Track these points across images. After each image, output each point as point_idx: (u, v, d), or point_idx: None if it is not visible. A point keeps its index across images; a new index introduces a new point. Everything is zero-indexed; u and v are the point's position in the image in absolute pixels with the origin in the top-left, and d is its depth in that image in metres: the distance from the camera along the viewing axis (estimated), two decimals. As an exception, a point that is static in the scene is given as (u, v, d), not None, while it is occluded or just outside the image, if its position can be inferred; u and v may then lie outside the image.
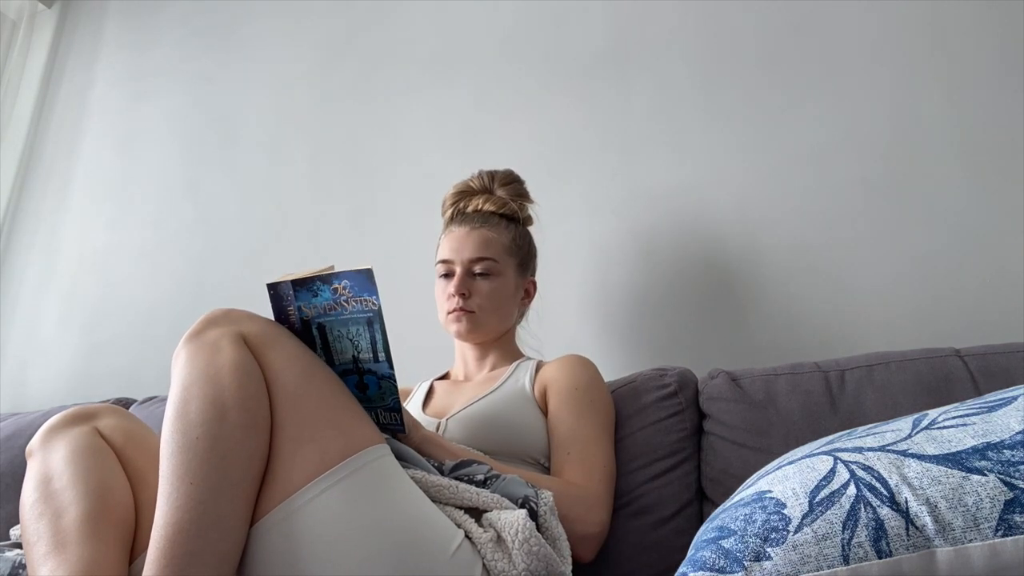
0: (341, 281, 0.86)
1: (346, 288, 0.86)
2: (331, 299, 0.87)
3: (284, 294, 0.87)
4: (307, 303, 0.87)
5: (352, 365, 0.91)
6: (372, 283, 0.85)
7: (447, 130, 1.77)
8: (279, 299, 0.87)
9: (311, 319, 0.88)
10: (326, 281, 0.86)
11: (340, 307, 0.87)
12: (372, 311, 0.86)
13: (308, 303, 0.87)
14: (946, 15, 1.38)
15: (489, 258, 1.20)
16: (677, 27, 1.60)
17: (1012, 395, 0.65)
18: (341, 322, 0.88)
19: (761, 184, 1.44)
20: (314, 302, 0.87)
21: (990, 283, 1.24)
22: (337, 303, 0.87)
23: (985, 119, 1.32)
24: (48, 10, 2.48)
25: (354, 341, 0.89)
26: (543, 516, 0.87)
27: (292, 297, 0.87)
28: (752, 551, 0.59)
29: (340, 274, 0.86)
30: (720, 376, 1.16)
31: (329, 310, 0.87)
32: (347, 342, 0.89)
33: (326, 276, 0.86)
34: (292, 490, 0.74)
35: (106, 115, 2.26)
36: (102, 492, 0.85)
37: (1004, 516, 0.54)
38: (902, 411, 0.98)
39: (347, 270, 0.86)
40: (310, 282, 0.86)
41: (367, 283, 0.85)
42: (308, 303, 0.87)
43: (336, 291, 0.86)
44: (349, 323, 0.88)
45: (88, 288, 2.07)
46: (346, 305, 0.87)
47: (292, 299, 0.87)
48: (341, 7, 2.01)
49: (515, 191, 1.30)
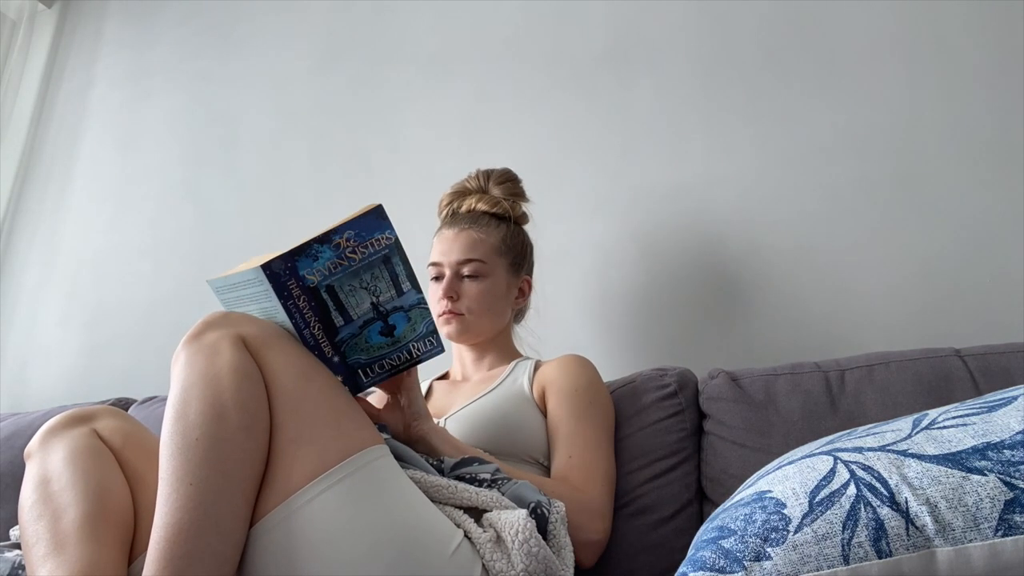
0: (343, 234, 0.84)
1: (350, 239, 0.84)
2: (334, 256, 0.85)
3: (279, 270, 0.84)
4: (309, 269, 0.84)
5: (372, 313, 0.89)
6: (383, 219, 0.84)
7: (447, 130, 1.77)
8: (276, 277, 0.84)
9: (317, 284, 0.85)
10: (325, 240, 0.84)
11: (347, 260, 0.85)
12: (388, 247, 0.85)
13: (310, 269, 0.85)
14: (946, 15, 1.38)
15: (476, 259, 1.20)
16: (678, 27, 1.59)
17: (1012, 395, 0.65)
18: (352, 274, 0.86)
19: (761, 184, 1.44)
20: (315, 266, 0.85)
21: (990, 283, 1.24)
22: (343, 257, 0.85)
23: (985, 119, 1.31)
24: (48, 10, 2.48)
25: (370, 287, 0.87)
26: (553, 524, 0.87)
27: (290, 270, 0.84)
28: (752, 551, 0.59)
29: (341, 227, 0.84)
30: (720, 376, 1.16)
31: (335, 268, 0.85)
32: (362, 292, 0.87)
33: (324, 235, 0.84)
34: (291, 491, 0.74)
35: (106, 115, 2.25)
36: (101, 493, 0.85)
37: (1004, 516, 0.54)
38: (902, 411, 0.98)
39: (350, 218, 0.84)
40: (307, 248, 0.84)
41: (377, 222, 0.84)
42: (310, 269, 0.85)
43: (339, 246, 0.85)
44: (361, 272, 0.86)
45: (88, 288, 2.07)
46: (353, 256, 0.85)
47: (291, 272, 0.84)
48: (341, 7, 2.01)
49: (510, 190, 1.30)
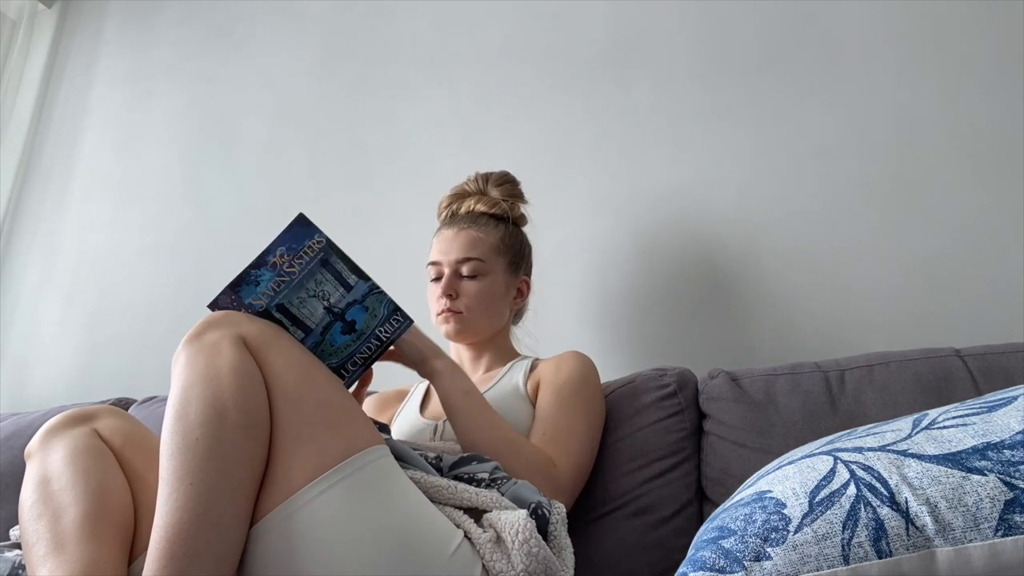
0: (275, 252, 0.84)
1: (283, 255, 0.85)
2: (273, 276, 0.85)
3: (226, 304, 0.85)
4: (253, 295, 0.85)
5: (329, 316, 0.89)
6: (308, 225, 0.84)
7: (447, 130, 1.77)
8: (226, 312, 0.85)
9: (267, 306, 0.86)
10: (260, 264, 0.84)
11: (287, 276, 0.86)
12: (322, 249, 0.85)
13: (254, 295, 0.85)
14: (946, 15, 1.38)
15: (476, 258, 1.20)
16: (677, 27, 1.60)
17: (1012, 395, 0.65)
18: (296, 287, 0.86)
19: (761, 184, 1.44)
20: (259, 291, 0.85)
21: (990, 283, 1.24)
22: (282, 274, 0.85)
23: (985, 119, 1.31)
24: (48, 10, 2.48)
25: (317, 293, 0.87)
26: (553, 525, 0.87)
27: (236, 300, 0.85)
28: (752, 551, 0.59)
29: (271, 247, 0.84)
30: (720, 376, 1.16)
31: (279, 287, 0.86)
32: (312, 301, 0.87)
33: (258, 260, 0.84)
34: (291, 491, 0.74)
35: (106, 115, 2.25)
36: (101, 493, 0.85)
37: (1004, 516, 0.54)
38: (902, 411, 0.98)
39: (277, 237, 0.84)
40: (245, 276, 0.84)
41: (303, 230, 0.85)
42: (254, 295, 0.85)
43: (275, 265, 0.85)
44: (304, 282, 0.87)
45: (88, 288, 2.07)
46: (292, 271, 0.86)
47: (237, 302, 0.85)
48: (341, 7, 2.01)
49: (508, 191, 1.30)
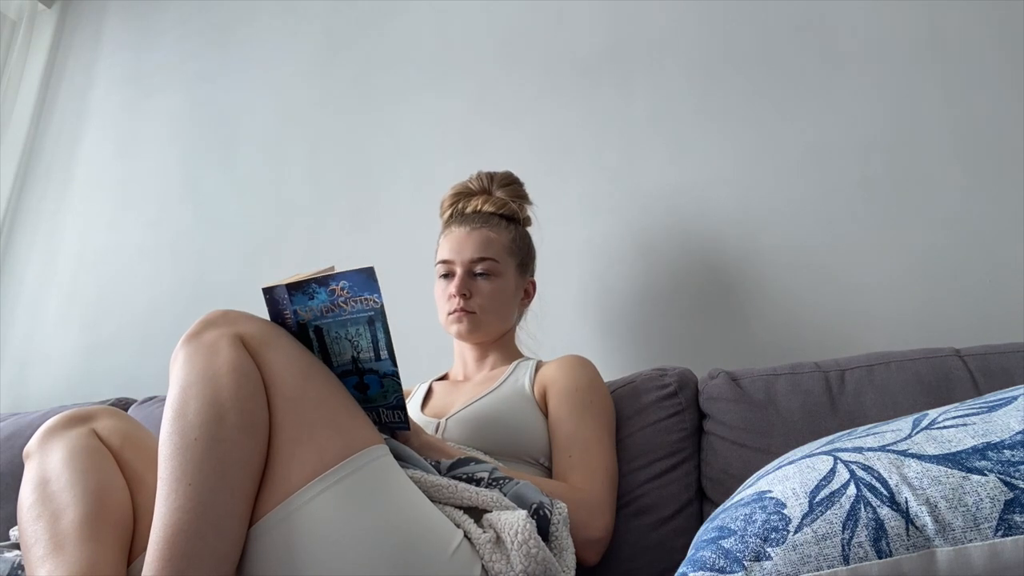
0: (339, 282, 0.85)
1: (344, 289, 0.85)
2: (328, 301, 0.86)
3: (279, 298, 0.86)
4: (303, 306, 0.86)
5: (351, 366, 0.90)
6: (374, 281, 0.84)
7: (446, 130, 1.77)
8: (275, 303, 0.86)
9: (307, 322, 0.87)
10: (322, 283, 0.85)
11: (338, 308, 0.86)
12: (374, 309, 0.85)
13: (304, 306, 0.86)
14: (945, 15, 1.38)
15: (490, 258, 1.20)
16: (676, 28, 1.59)
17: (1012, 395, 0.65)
18: (339, 323, 0.87)
19: (761, 184, 1.44)
20: (310, 305, 0.86)
21: (990, 283, 1.24)
22: (335, 304, 0.86)
23: (984, 119, 1.31)
24: (48, 10, 2.48)
25: (353, 341, 0.88)
26: (555, 525, 0.87)
27: (288, 301, 0.86)
28: (752, 551, 0.59)
29: (338, 275, 0.85)
30: (720, 376, 1.16)
31: (326, 312, 0.86)
32: (345, 343, 0.88)
33: (322, 278, 0.85)
34: (291, 491, 0.74)
35: (106, 115, 2.26)
36: (100, 494, 0.85)
37: (1004, 516, 0.53)
38: (902, 411, 0.98)
39: (346, 271, 0.85)
40: (305, 285, 0.85)
41: (368, 282, 0.84)
42: (304, 306, 0.86)
43: (334, 292, 0.85)
44: (348, 324, 0.87)
45: (88, 288, 2.07)
46: (344, 306, 0.86)
47: (288, 303, 0.86)
48: (341, 7, 2.01)
49: (514, 192, 1.30)
